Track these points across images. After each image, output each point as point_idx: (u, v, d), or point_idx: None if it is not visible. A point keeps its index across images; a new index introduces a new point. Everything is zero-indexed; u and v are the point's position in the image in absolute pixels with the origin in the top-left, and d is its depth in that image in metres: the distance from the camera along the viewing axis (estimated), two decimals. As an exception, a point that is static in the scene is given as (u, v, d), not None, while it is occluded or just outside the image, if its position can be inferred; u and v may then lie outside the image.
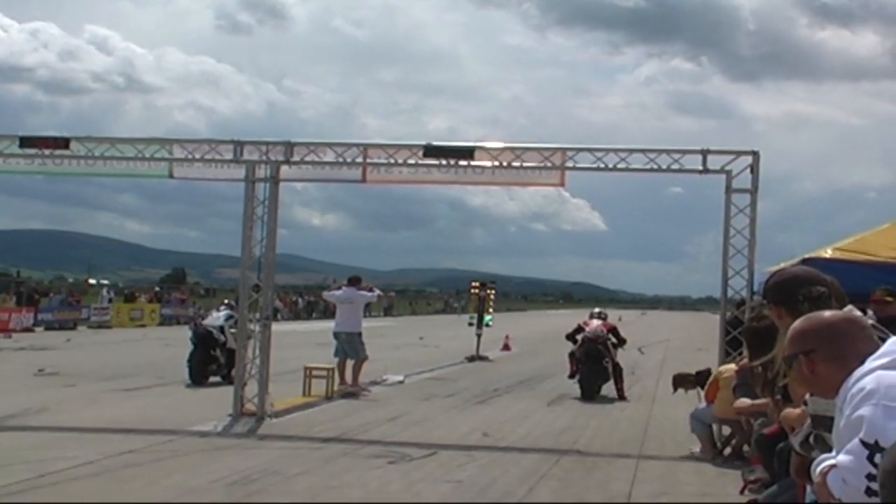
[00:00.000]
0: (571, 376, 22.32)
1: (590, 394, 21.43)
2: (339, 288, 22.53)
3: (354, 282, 22.08)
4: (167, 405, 18.23)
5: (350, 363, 21.07)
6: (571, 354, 22.67)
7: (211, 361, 22.31)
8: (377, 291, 23.29)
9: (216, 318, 23.17)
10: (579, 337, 22.52)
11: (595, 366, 21.68)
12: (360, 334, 21.09)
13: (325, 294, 25.21)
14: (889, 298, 10.46)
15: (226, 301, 25.28)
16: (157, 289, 74.90)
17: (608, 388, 22.01)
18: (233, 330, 20.60)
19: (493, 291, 35.98)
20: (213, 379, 22.05)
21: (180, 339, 39.60)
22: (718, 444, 14.41)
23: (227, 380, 20.24)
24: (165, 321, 56.01)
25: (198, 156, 17.07)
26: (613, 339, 22.36)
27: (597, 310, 24.22)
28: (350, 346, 20.95)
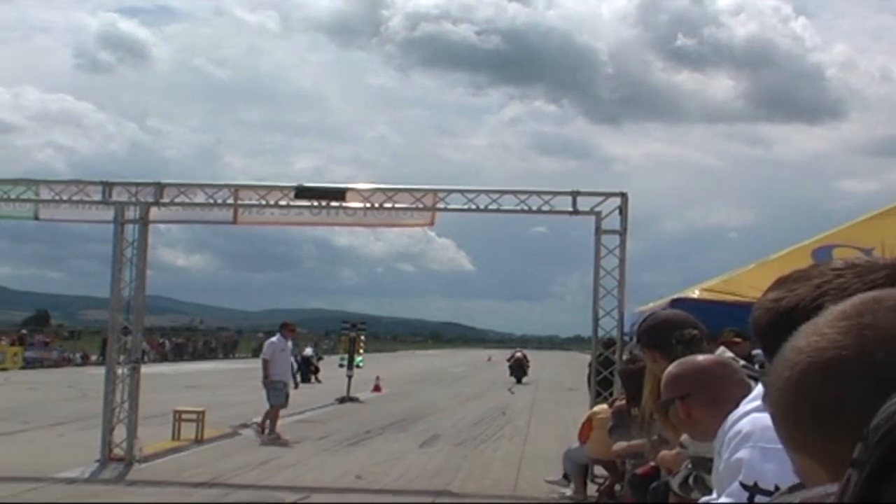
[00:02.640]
0: (511, 375, 49.49)
1: (519, 381, 47.75)
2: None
3: (281, 328, 21.81)
4: (32, 451, 17.80)
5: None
6: (510, 367, 51.24)
7: (310, 373, 43.43)
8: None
9: (308, 351, 46.43)
10: (512, 358, 51.93)
11: (520, 370, 49.98)
12: (274, 382, 20.62)
13: None
14: (737, 339, 10.65)
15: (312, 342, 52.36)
16: (23, 331, 72.93)
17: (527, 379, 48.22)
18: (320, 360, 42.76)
19: (363, 332, 36.17)
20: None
21: (46, 383, 38.86)
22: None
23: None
24: (28, 364, 54.64)
25: (65, 197, 16.78)
26: (525, 360, 51.50)
27: (518, 348, 61.20)
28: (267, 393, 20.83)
